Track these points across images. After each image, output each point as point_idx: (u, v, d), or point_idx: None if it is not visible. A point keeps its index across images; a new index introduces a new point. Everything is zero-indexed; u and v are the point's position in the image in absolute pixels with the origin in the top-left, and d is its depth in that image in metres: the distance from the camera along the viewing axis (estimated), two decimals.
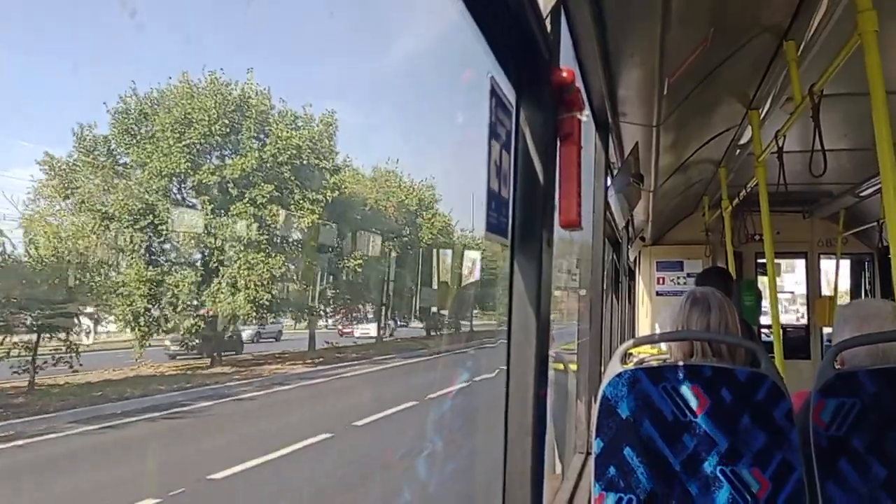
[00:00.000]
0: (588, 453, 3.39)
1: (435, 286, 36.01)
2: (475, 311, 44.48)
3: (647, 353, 4.74)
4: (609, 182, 3.89)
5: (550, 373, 1.69)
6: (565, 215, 1.58)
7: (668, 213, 7.55)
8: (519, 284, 1.49)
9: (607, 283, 4.95)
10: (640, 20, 2.50)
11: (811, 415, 2.10)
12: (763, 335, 7.48)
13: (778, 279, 5.65)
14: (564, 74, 1.49)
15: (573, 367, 4.01)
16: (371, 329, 37.04)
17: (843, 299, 8.70)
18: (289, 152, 25.53)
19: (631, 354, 2.38)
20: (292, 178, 25.72)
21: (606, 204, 3.89)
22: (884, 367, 2.14)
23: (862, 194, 5.60)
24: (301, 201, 25.75)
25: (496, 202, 1.38)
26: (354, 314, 36.62)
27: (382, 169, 34.42)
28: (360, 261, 29.03)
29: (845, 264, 8.63)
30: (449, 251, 38.77)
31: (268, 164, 25.33)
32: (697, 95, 3.62)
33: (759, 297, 7.22)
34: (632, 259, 8.46)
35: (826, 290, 8.54)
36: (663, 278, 8.62)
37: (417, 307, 36.34)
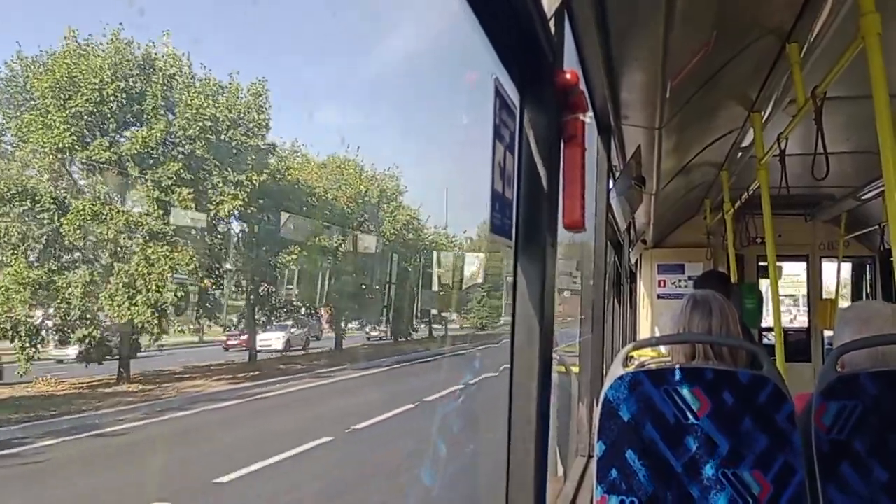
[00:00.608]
0: (590, 456, 3.38)
1: (402, 286, 33.16)
2: (451, 314, 42.25)
3: (648, 357, 4.75)
4: (611, 185, 3.89)
5: (553, 375, 1.69)
6: (569, 217, 1.58)
7: (670, 216, 7.55)
8: (522, 286, 1.49)
9: (609, 286, 4.95)
10: (643, 23, 2.50)
11: (813, 418, 2.10)
12: (765, 338, 7.48)
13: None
14: (568, 76, 1.49)
15: (575, 369, 4.01)
16: (275, 339, 29.75)
17: (845, 302, 8.70)
18: (200, 124, 20.90)
19: (632, 357, 2.38)
20: (208, 155, 21.18)
21: (608, 206, 3.89)
22: (885, 369, 2.14)
23: (864, 197, 5.60)
24: (220, 184, 21.31)
25: (500, 203, 1.38)
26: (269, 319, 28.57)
27: (341, 157, 30.39)
28: (295, 256, 24.47)
29: (847, 267, 8.63)
30: (448, 254, 37.53)
31: (177, 139, 20.91)
32: (700, 98, 3.62)
33: (760, 300, 7.21)
34: (633, 262, 8.46)
35: (825, 294, 8.55)
36: (664, 281, 8.62)
37: (382, 310, 33.06)
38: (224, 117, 21.76)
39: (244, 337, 28.38)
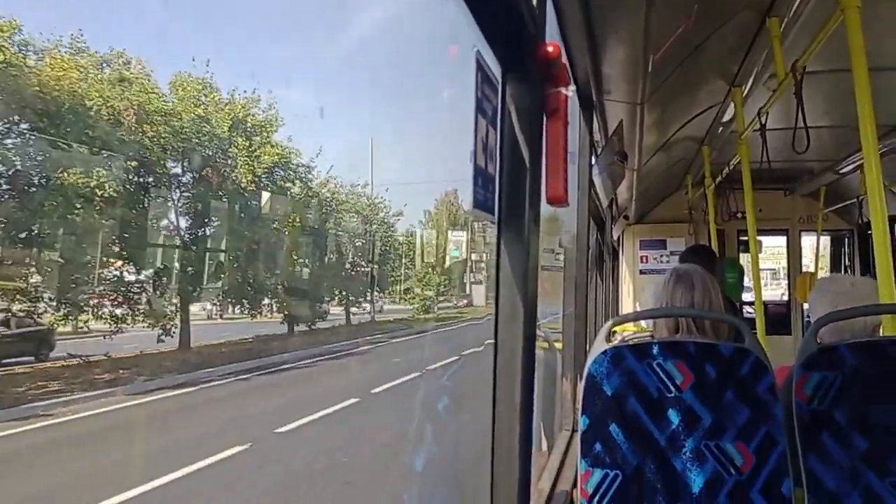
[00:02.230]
0: (574, 430, 3.41)
1: (302, 259, 26.13)
2: (376, 294, 35.03)
3: (630, 332, 4.79)
4: (593, 160, 3.88)
5: (537, 351, 1.69)
6: (552, 191, 1.58)
7: (652, 192, 7.58)
8: (505, 262, 1.48)
9: (591, 262, 4.96)
10: None
11: (794, 389, 2.13)
12: (745, 311, 7.56)
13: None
14: (551, 49, 1.48)
15: (559, 345, 4.03)
16: None
17: (825, 275, 8.79)
18: None
19: (615, 333, 2.40)
20: None
21: (591, 182, 3.89)
22: (865, 339, 2.18)
23: (842, 171, 5.64)
24: None
25: (483, 178, 1.37)
26: None
27: (185, 76, 21.18)
28: None
29: (825, 241, 8.72)
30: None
31: None
32: (681, 73, 3.61)
33: (741, 274, 7.27)
34: (615, 238, 8.49)
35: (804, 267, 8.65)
36: (646, 257, 8.66)
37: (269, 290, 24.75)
38: None
39: None
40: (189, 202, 21.51)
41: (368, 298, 33.89)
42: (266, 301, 25.90)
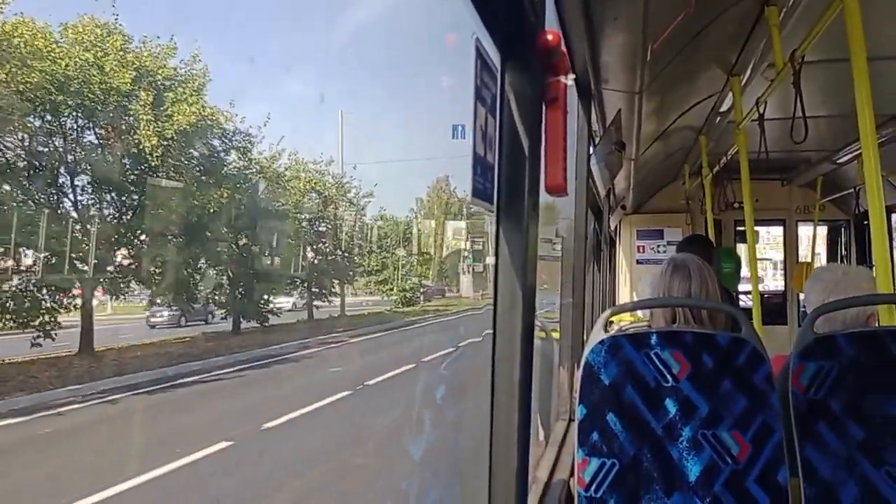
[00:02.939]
0: (571, 420, 3.42)
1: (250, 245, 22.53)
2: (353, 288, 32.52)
3: (626, 322, 4.80)
4: (591, 150, 3.88)
5: (535, 341, 1.69)
6: (551, 180, 1.57)
7: (649, 182, 7.58)
8: (504, 251, 1.48)
9: (589, 252, 4.97)
10: None
11: (790, 378, 2.14)
12: (741, 301, 7.58)
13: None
14: (550, 37, 1.47)
15: (556, 334, 4.04)
16: None
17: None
18: None
19: (611, 322, 2.40)
20: None
21: (589, 172, 3.88)
22: (861, 330, 2.19)
23: (839, 161, 5.64)
24: None
25: (482, 167, 1.37)
26: None
27: (85, 19, 16.96)
28: None
29: (822, 231, 8.74)
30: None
31: None
32: (680, 62, 3.60)
33: (738, 263, 7.28)
34: (612, 228, 8.50)
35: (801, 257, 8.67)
36: (643, 247, 8.67)
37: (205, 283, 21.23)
38: None
39: None
40: (89, 171, 17.79)
41: (335, 290, 30.04)
42: (199, 294, 21.85)
